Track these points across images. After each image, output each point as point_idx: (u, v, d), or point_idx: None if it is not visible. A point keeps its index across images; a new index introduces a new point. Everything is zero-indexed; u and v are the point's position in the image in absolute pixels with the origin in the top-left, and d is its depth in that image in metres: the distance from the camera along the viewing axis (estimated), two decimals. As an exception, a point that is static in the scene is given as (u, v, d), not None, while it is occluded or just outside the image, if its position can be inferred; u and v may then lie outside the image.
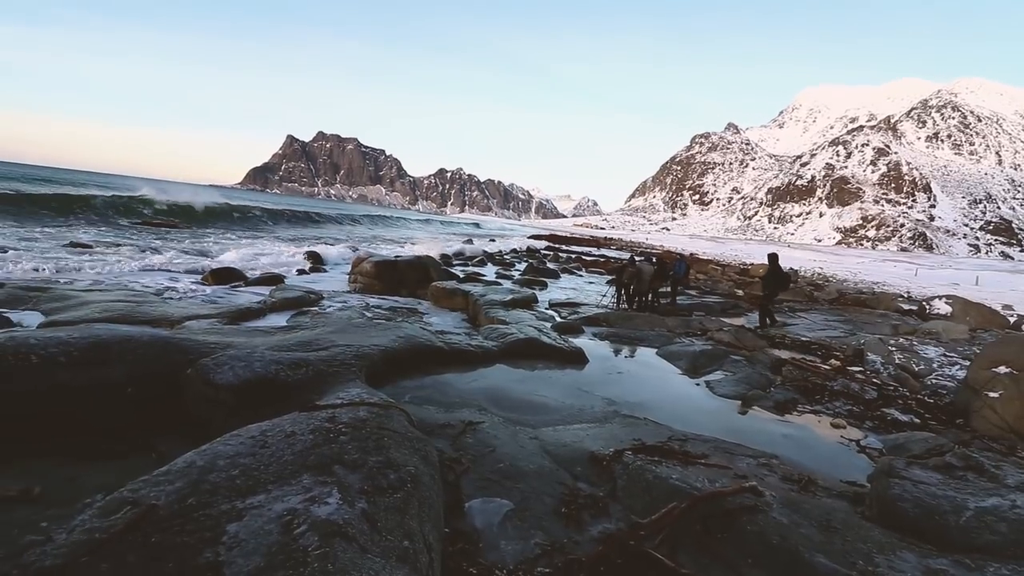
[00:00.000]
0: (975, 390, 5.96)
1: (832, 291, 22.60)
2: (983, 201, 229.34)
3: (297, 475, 2.19)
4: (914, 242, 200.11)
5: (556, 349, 6.77)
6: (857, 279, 34.17)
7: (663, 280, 13.20)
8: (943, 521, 3.07)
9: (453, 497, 2.92)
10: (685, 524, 2.83)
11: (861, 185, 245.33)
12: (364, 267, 12.12)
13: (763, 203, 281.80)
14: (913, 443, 4.78)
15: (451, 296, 10.62)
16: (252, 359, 3.94)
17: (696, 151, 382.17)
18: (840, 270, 42.47)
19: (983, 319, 15.03)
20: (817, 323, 12.24)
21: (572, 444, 3.85)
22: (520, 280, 16.00)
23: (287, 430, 2.59)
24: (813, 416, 5.63)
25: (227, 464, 2.27)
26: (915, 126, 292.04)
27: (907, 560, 2.70)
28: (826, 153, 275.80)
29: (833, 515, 3.10)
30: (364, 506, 2.05)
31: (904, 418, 5.75)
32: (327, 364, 4.23)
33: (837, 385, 6.55)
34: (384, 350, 5.15)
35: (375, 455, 2.45)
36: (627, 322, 9.77)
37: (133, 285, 9.22)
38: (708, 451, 3.99)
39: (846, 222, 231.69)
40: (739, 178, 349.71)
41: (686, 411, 5.37)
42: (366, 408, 3.02)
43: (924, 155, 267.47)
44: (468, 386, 5.24)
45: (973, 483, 3.53)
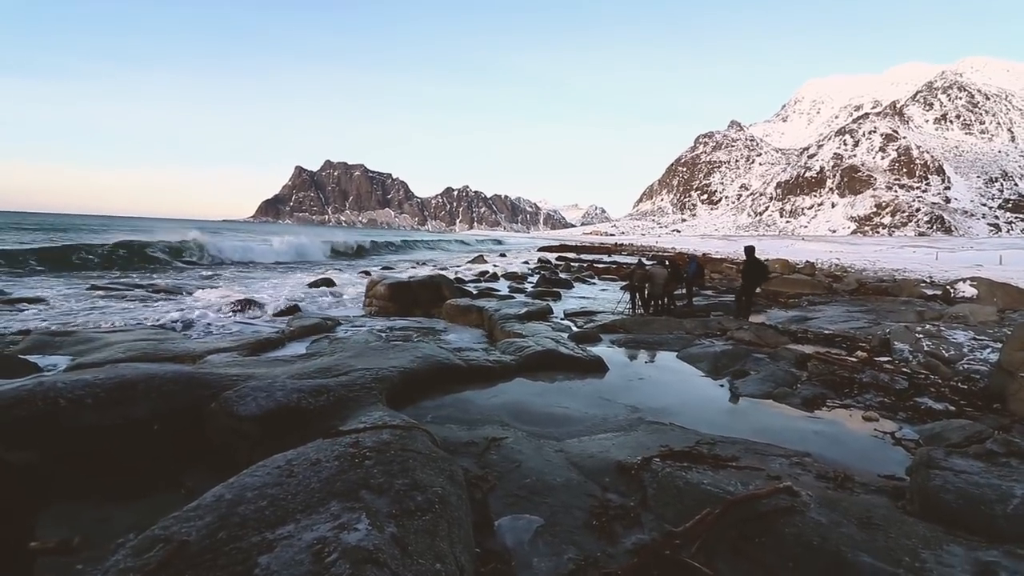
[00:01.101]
0: (1010, 372, 5.77)
1: (851, 281, 22.18)
2: (999, 179, 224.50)
3: (325, 502, 2.19)
4: (932, 226, 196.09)
5: (575, 359, 6.72)
6: (876, 267, 33.54)
7: (677, 283, 13.09)
8: (989, 511, 2.95)
9: (482, 516, 2.88)
10: (720, 530, 2.76)
11: (872, 172, 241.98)
12: (378, 290, 12.22)
13: (773, 198, 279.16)
14: (950, 431, 4.63)
15: (466, 313, 10.64)
16: (274, 389, 3.97)
17: (700, 151, 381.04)
18: (858, 260, 41.75)
19: (1011, 299, 14.61)
20: (839, 315, 12.00)
21: (598, 455, 3.80)
22: (533, 292, 15.99)
23: (312, 458, 2.59)
24: (844, 410, 5.49)
25: (255, 496, 2.28)
26: (922, 109, 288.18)
27: (955, 554, 2.59)
28: (833, 143, 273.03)
29: (873, 511, 2.99)
30: (393, 530, 2.04)
31: (938, 406, 5.58)
32: (347, 389, 4.24)
33: (865, 377, 6.39)
34: (403, 371, 5.15)
35: (401, 478, 2.44)
36: (645, 327, 9.68)
37: (152, 323, 9.40)
38: (738, 453, 3.90)
39: (860, 211, 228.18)
40: (746, 175, 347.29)
41: (712, 413, 5.28)
42: (389, 431, 3.01)
43: (934, 137, 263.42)
44: (489, 402, 5.21)
45: (1018, 469, 3.41)
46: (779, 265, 30.36)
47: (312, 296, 14.49)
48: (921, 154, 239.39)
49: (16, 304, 11.06)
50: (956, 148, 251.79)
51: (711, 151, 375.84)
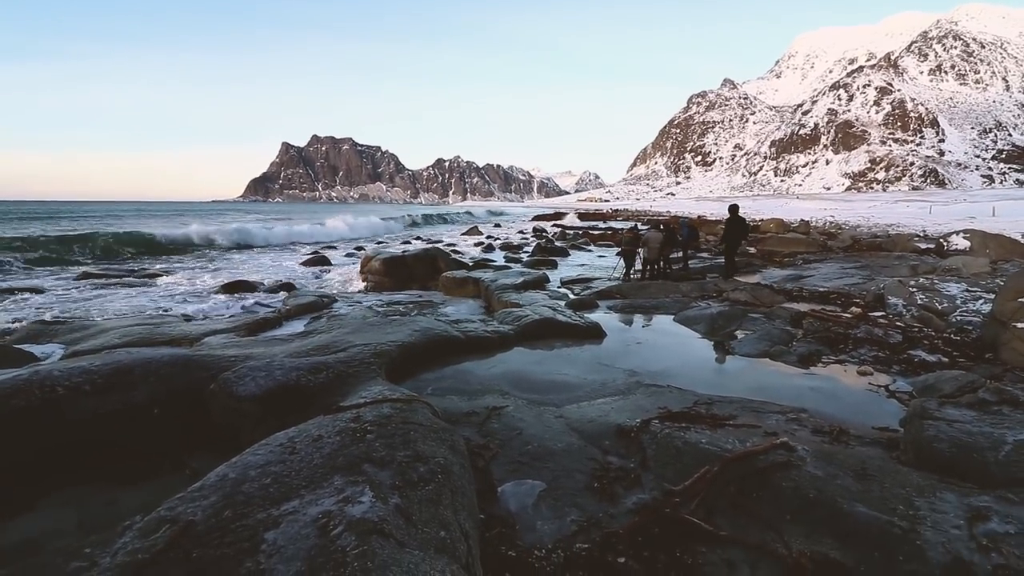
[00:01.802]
0: (1002, 323, 5.83)
1: (846, 238, 22.23)
2: (993, 130, 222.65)
3: (328, 477, 2.20)
4: (925, 180, 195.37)
5: (572, 326, 6.75)
6: (870, 223, 33.54)
7: (673, 246, 13.07)
8: (982, 458, 3.02)
9: (485, 483, 2.93)
10: (719, 487, 2.81)
11: (866, 127, 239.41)
12: (373, 265, 12.16)
13: (767, 157, 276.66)
14: (943, 382, 4.70)
15: (462, 285, 10.62)
16: (272, 368, 3.97)
17: (694, 112, 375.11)
18: (852, 216, 41.72)
19: (1004, 250, 14.69)
20: (833, 272, 12.05)
21: (598, 419, 3.84)
22: (529, 262, 15.96)
23: (314, 434, 2.60)
24: (839, 366, 5.56)
25: (258, 474, 2.29)
26: (917, 60, 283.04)
27: (948, 500, 2.66)
28: (827, 98, 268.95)
29: (868, 463, 3.05)
30: (397, 501, 2.06)
31: (932, 358, 5.66)
32: (346, 365, 4.25)
33: (860, 332, 6.45)
34: (401, 345, 5.16)
35: (403, 450, 2.46)
36: (641, 292, 9.70)
37: (149, 309, 9.35)
38: (735, 412, 3.96)
39: (854, 167, 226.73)
40: (740, 134, 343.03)
41: (709, 374, 5.34)
42: (389, 404, 3.03)
43: (928, 89, 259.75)
44: (488, 372, 5.25)
45: (1009, 416, 3.47)
46: (774, 225, 30.32)
47: (306, 274, 14.44)
48: (915, 107, 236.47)
49: (14, 294, 10.97)
50: (950, 99, 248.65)
51: (704, 111, 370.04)
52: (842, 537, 2.46)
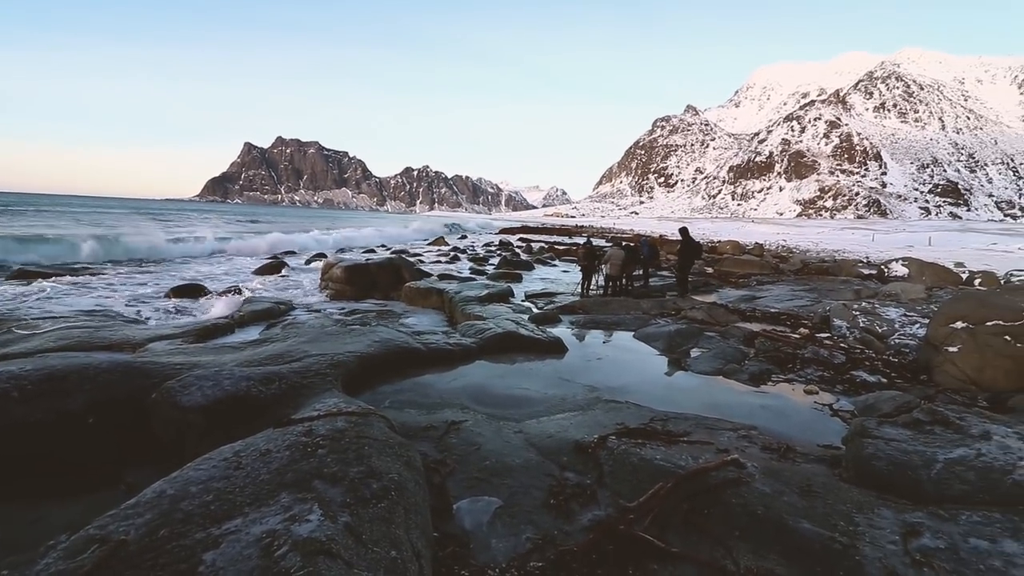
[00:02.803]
0: (935, 346, 6.22)
1: (796, 262, 23.29)
2: (930, 165, 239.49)
3: (275, 494, 2.12)
4: (869, 209, 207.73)
5: (535, 340, 6.77)
6: (819, 248, 35.31)
7: (635, 264, 13.35)
8: (916, 475, 3.18)
9: (440, 500, 2.88)
10: (672, 503, 2.86)
11: (816, 158, 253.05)
12: (334, 273, 11.87)
13: (725, 181, 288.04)
14: (882, 402, 4.95)
15: (426, 296, 10.51)
16: (221, 377, 3.81)
17: (658, 135, 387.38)
18: (802, 241, 43.82)
19: (938, 277, 15.73)
20: (784, 294, 12.58)
21: (557, 434, 3.85)
22: (495, 274, 15.96)
23: (261, 448, 2.50)
24: (787, 385, 5.79)
25: (200, 490, 2.18)
26: (863, 98, 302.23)
27: (885, 517, 2.79)
28: (781, 129, 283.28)
29: (813, 480, 3.18)
30: (347, 519, 1.99)
31: (872, 379, 5.96)
32: (301, 376, 4.12)
33: (807, 353, 6.74)
34: (360, 356, 5.05)
35: (356, 465, 2.39)
36: (603, 308, 9.84)
37: (90, 311, 8.81)
38: (690, 428, 4.05)
39: (805, 194, 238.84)
40: (701, 158, 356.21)
41: (666, 391, 5.45)
42: (344, 418, 2.94)
43: (873, 125, 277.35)
44: (449, 385, 5.19)
45: (941, 436, 3.67)
46: (731, 247, 31.50)
47: (263, 280, 13.96)
48: (861, 140, 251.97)
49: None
50: (892, 135, 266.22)
51: (668, 135, 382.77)
52: (787, 553, 2.53)
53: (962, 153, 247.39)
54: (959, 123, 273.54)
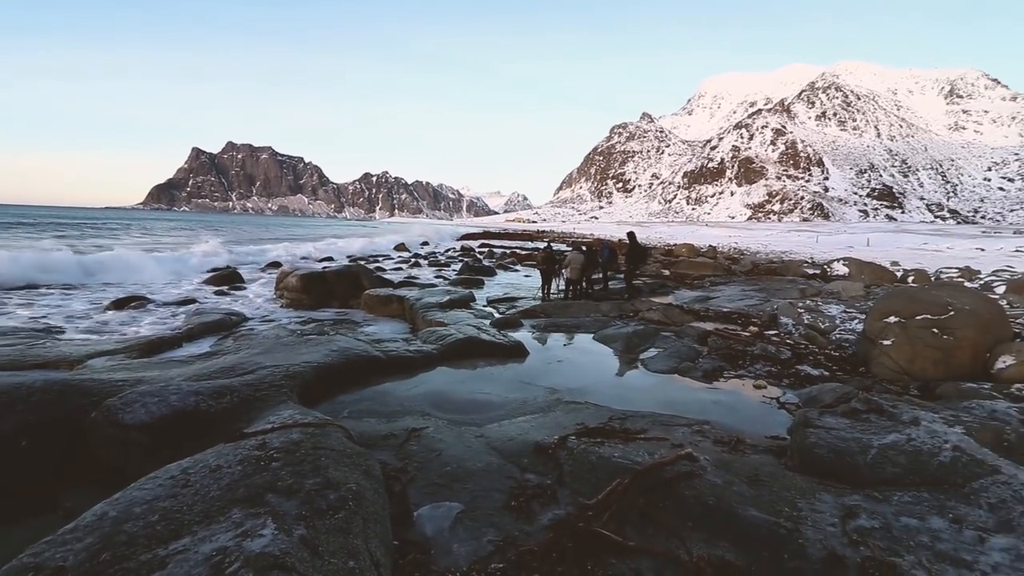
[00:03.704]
0: (872, 340, 6.63)
1: (747, 263, 24.27)
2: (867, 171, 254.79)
3: (225, 511, 2.06)
4: (813, 212, 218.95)
5: (496, 345, 6.80)
6: (768, 250, 36.93)
7: (594, 267, 13.60)
8: (853, 461, 3.39)
9: (401, 508, 2.86)
10: (629, 498, 2.94)
11: (764, 164, 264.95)
12: (290, 282, 11.56)
13: (680, 186, 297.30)
14: (824, 394, 5.24)
15: (386, 303, 10.37)
16: (167, 393, 3.65)
17: (616, 141, 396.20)
18: (753, 243, 45.70)
19: (875, 276, 16.74)
20: (736, 294, 13.10)
21: (518, 437, 3.89)
22: (456, 280, 15.91)
23: (211, 464, 2.42)
24: (738, 380, 6.03)
25: (144, 510, 2.10)
26: (805, 107, 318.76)
27: (825, 501, 2.96)
28: (731, 136, 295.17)
29: (761, 469, 3.33)
30: (303, 532, 1.96)
31: (815, 372, 6.29)
32: (254, 388, 4.00)
33: (756, 349, 7.05)
34: (317, 366, 4.94)
35: (312, 477, 2.35)
36: (564, 311, 9.98)
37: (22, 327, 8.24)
38: (647, 426, 4.17)
39: (754, 199, 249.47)
40: (657, 164, 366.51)
41: (624, 390, 5.58)
42: (299, 429, 2.88)
43: (815, 133, 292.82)
44: (409, 393, 5.15)
45: (876, 423, 3.92)
46: (686, 250, 32.51)
47: (215, 291, 13.43)
48: (805, 147, 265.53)
49: None
50: (833, 143, 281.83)
51: (625, 141, 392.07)
52: (736, 540, 2.65)
53: (896, 159, 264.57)
54: (893, 131, 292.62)
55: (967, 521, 2.71)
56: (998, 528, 2.65)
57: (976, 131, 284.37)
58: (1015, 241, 40.20)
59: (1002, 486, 2.96)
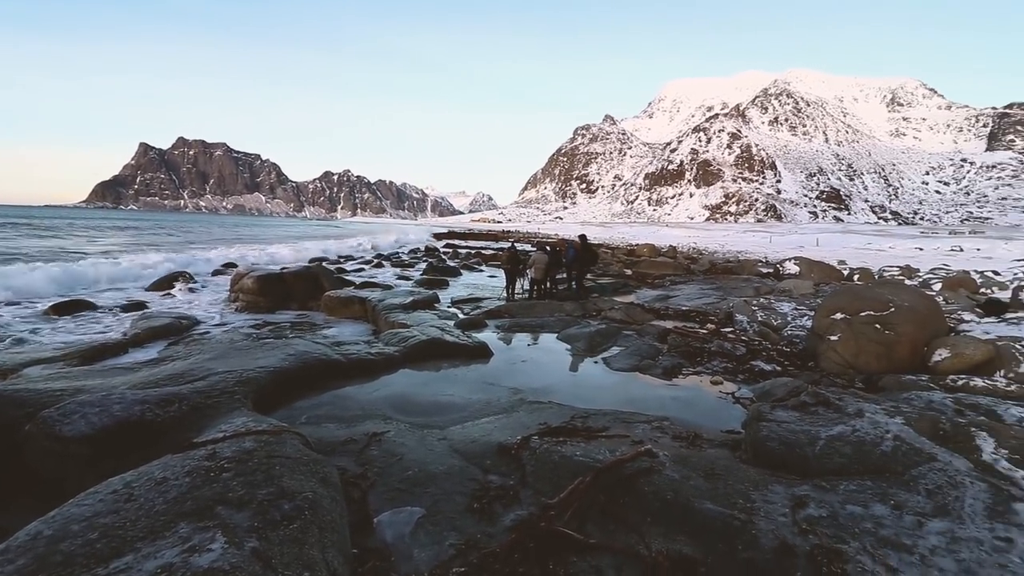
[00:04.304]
0: (820, 336, 6.95)
1: (705, 263, 25.02)
2: (817, 174, 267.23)
3: (172, 525, 1.96)
4: (767, 213, 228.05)
5: (460, 346, 6.76)
6: (725, 250, 38.17)
7: (558, 267, 13.72)
8: (802, 452, 3.54)
9: (360, 515, 2.80)
10: (591, 496, 2.97)
11: (721, 166, 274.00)
12: (245, 283, 11.14)
13: (642, 188, 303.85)
14: (776, 388, 5.45)
15: (347, 305, 10.15)
16: (110, 402, 3.46)
17: (579, 142, 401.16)
18: (711, 243, 47.17)
19: (824, 274, 17.55)
20: (694, 293, 13.48)
21: (481, 439, 3.88)
22: (420, 281, 15.75)
23: (157, 477, 2.31)
24: (696, 377, 6.21)
25: (83, 528, 1.98)
26: (759, 112, 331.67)
27: (776, 492, 3.08)
28: (690, 139, 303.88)
29: (716, 463, 3.44)
30: (255, 545, 1.89)
31: (768, 367, 6.54)
32: (205, 396, 3.84)
33: (714, 346, 7.27)
34: (273, 371, 4.79)
35: (265, 487, 2.27)
36: (528, 311, 10.02)
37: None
38: (608, 423, 4.23)
39: (712, 200, 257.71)
40: (619, 166, 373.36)
41: (587, 389, 5.65)
42: (252, 438, 2.79)
43: (768, 137, 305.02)
44: (371, 396, 5.05)
45: (823, 416, 4.10)
46: (647, 250, 33.25)
47: (165, 294, 12.81)
48: (759, 151, 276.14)
49: None
50: (785, 147, 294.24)
51: (588, 143, 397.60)
52: (693, 533, 2.73)
53: (842, 163, 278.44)
54: (840, 136, 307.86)
55: (907, 507, 2.87)
56: (935, 513, 2.81)
57: (915, 137, 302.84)
58: (950, 241, 43.04)
59: (938, 472, 3.14)
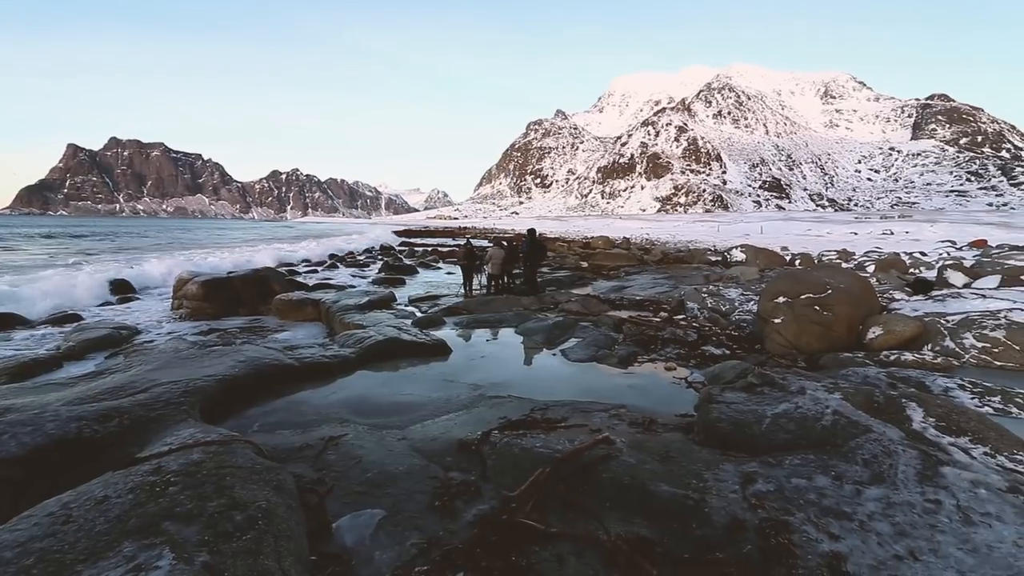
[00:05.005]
0: (764, 319, 7.30)
1: (658, 253, 25.74)
2: (759, 165, 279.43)
3: (115, 545, 1.87)
4: (714, 204, 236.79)
5: (418, 345, 6.70)
6: (676, 240, 39.38)
7: (516, 262, 13.79)
8: (750, 431, 3.72)
9: (318, 521, 2.74)
10: (550, 487, 3.03)
11: (670, 159, 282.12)
12: (190, 289, 10.62)
13: (595, 181, 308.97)
14: (726, 371, 5.70)
15: (299, 307, 9.86)
16: (42, 421, 3.24)
17: (532, 137, 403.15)
18: (663, 234, 48.58)
19: (768, 260, 18.42)
20: (648, 283, 13.87)
21: (440, 436, 3.87)
22: (376, 280, 15.48)
23: (97, 496, 2.18)
24: (651, 364, 6.41)
25: (16, 554, 1.86)
26: (704, 106, 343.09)
27: (727, 470, 3.23)
28: (640, 133, 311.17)
29: (671, 446, 3.57)
30: (206, 559, 1.83)
31: (718, 351, 6.83)
32: (148, 408, 3.65)
33: (667, 334, 7.52)
34: (222, 379, 4.61)
35: (216, 499, 2.19)
36: (486, 306, 10.04)
37: None
38: (567, 414, 4.31)
39: (662, 192, 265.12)
40: (572, 160, 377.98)
41: (546, 381, 5.73)
42: (201, 449, 2.68)
43: (713, 130, 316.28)
44: (327, 400, 4.95)
45: (769, 395, 4.32)
46: (602, 242, 33.89)
47: (101, 304, 12.02)
48: (704, 144, 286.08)
49: None
50: (729, 139, 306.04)
51: (541, 137, 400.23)
52: (650, 516, 2.82)
53: (782, 154, 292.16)
54: (779, 128, 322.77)
55: (846, 477, 3.06)
56: (871, 481, 3.01)
57: (847, 128, 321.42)
58: (881, 225, 46.06)
59: (874, 443, 3.36)
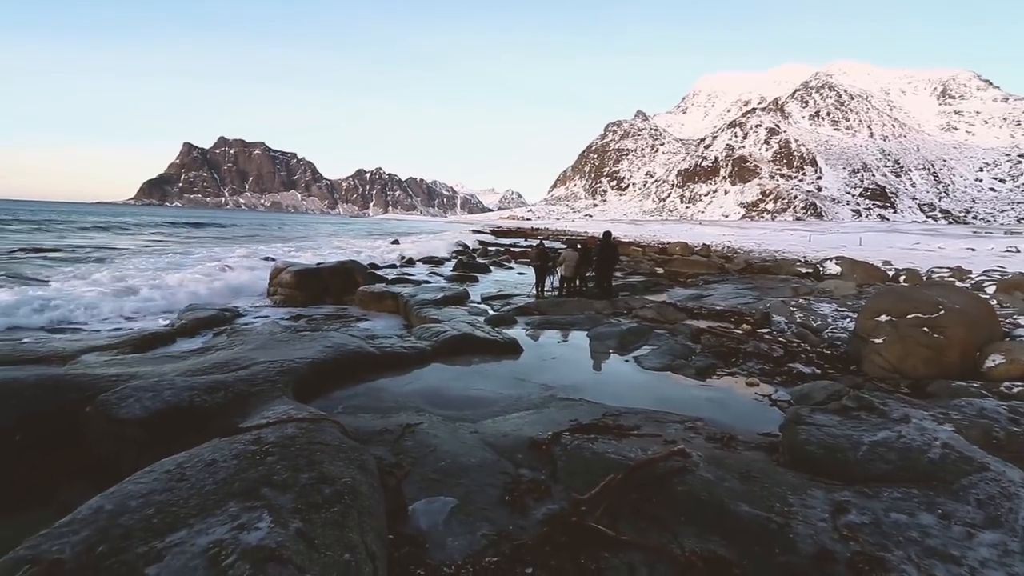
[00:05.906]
0: (863, 339, 6.70)
1: (740, 262, 24.39)
2: (860, 171, 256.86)
3: (222, 504, 2.06)
4: (806, 211, 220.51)
5: (490, 342, 6.82)
6: (761, 249, 37.12)
7: (588, 265, 13.63)
8: (844, 457, 3.43)
9: (396, 502, 2.87)
10: (622, 493, 2.97)
11: (758, 163, 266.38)
12: (283, 278, 11.51)
13: (674, 185, 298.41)
14: (816, 391, 5.30)
15: (380, 299, 10.37)
16: (161, 388, 3.65)
17: (610, 139, 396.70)
18: (746, 242, 45.97)
19: (867, 275, 16.87)
20: (729, 292, 13.18)
21: (512, 433, 3.91)
22: (451, 277, 15.93)
23: (207, 459, 2.43)
24: (731, 378, 6.09)
25: (140, 504, 2.10)
26: (799, 106, 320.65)
27: (816, 496, 3.00)
28: (725, 135, 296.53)
29: (752, 466, 3.37)
30: (299, 525, 1.97)
31: (807, 370, 6.36)
32: (248, 384, 4.00)
33: (749, 347, 7.11)
34: (311, 362, 4.95)
35: (307, 472, 2.36)
36: (558, 308, 10.01)
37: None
38: (640, 422, 4.20)
39: (748, 197, 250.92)
40: (651, 163, 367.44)
41: (618, 387, 5.62)
42: (294, 424, 2.89)
43: (808, 132, 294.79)
44: (404, 389, 5.16)
45: (866, 420, 3.97)
46: (680, 248, 32.66)
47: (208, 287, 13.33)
48: (798, 147, 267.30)
49: None
50: (826, 142, 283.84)
51: (619, 139, 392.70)
52: (728, 535, 2.69)
53: (888, 159, 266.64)
54: (885, 131, 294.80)
55: (955, 517, 2.75)
56: (986, 524, 2.69)
57: (968, 132, 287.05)
58: (1006, 241, 40.71)
59: (990, 483, 3.00)
